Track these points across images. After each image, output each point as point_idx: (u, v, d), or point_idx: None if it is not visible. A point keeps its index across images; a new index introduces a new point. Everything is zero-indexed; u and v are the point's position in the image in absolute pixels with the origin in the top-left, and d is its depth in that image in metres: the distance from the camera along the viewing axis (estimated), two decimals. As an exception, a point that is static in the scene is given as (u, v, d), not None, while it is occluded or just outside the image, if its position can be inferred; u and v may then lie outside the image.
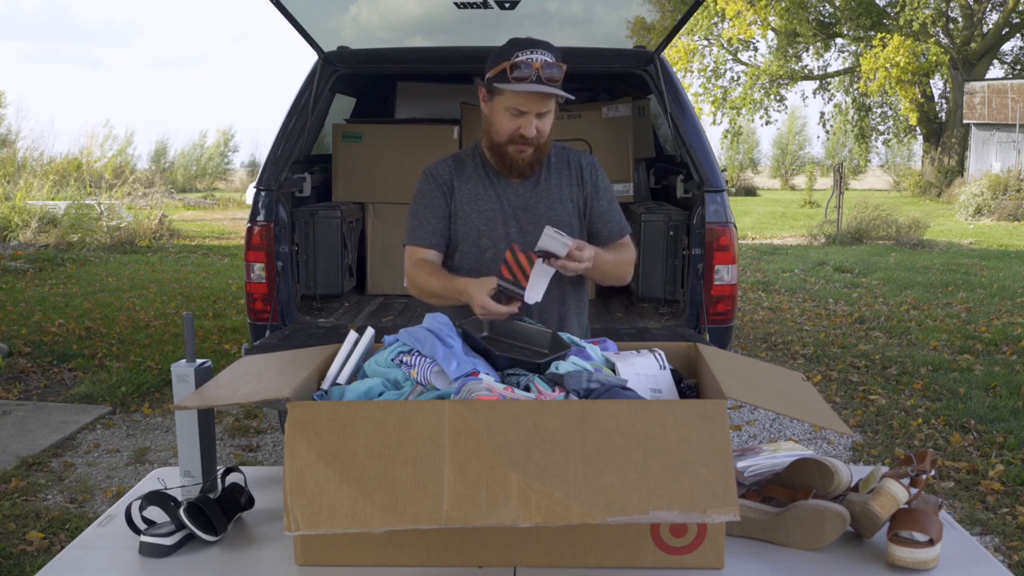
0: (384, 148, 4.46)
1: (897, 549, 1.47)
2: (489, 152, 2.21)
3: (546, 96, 2.06)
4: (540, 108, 2.08)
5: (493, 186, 2.22)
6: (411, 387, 1.63)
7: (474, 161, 2.25)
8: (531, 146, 2.12)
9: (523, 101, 2.06)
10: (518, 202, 2.21)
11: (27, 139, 19.29)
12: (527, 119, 2.07)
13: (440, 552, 1.46)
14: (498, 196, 2.21)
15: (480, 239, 2.20)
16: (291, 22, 3.67)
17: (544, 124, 2.11)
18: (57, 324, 7.04)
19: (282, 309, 3.72)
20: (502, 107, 2.09)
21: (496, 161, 2.20)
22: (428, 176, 2.25)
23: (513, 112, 2.07)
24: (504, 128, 2.10)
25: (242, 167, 30.87)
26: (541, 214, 2.21)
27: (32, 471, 4.07)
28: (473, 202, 2.20)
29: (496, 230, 2.20)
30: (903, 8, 22.65)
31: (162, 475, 1.88)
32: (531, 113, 2.07)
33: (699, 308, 3.60)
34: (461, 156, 2.28)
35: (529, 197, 2.22)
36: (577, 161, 2.30)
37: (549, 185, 2.24)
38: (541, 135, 2.11)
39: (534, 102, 2.06)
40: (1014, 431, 4.47)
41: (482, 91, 2.14)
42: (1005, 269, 10.18)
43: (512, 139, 2.11)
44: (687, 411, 1.42)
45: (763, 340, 6.69)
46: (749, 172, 30.67)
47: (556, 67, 2.03)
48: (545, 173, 2.25)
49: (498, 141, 2.14)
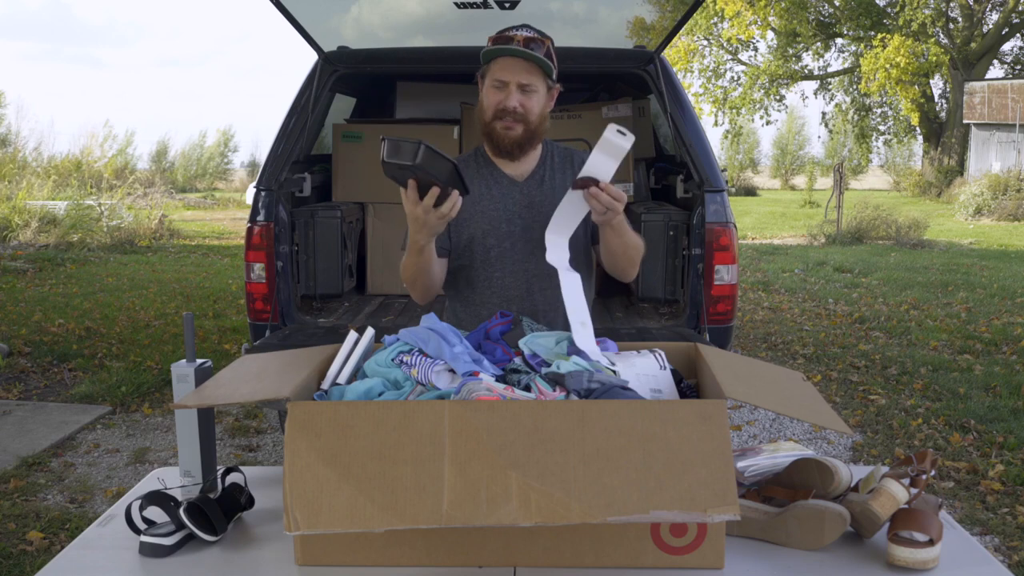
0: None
1: (897, 549, 1.47)
2: (485, 140, 2.21)
3: (528, 69, 2.07)
4: (521, 79, 2.07)
5: (498, 185, 2.21)
6: (411, 387, 1.63)
7: (476, 163, 2.24)
8: (519, 123, 2.11)
9: (504, 71, 2.07)
10: (523, 200, 2.21)
11: (27, 139, 19.32)
12: (508, 90, 2.08)
13: (440, 552, 1.46)
14: (502, 195, 2.20)
15: (486, 239, 2.19)
16: (291, 22, 3.67)
17: (528, 100, 2.09)
18: (57, 324, 7.04)
19: (282, 309, 3.72)
20: (487, 86, 2.11)
21: (489, 146, 2.19)
22: None
23: (496, 85, 2.08)
24: (489, 104, 2.11)
25: (242, 167, 30.90)
26: (546, 212, 2.20)
27: (32, 471, 4.07)
28: (477, 202, 2.19)
29: (500, 229, 2.19)
30: (903, 8, 22.65)
31: (162, 475, 1.88)
32: (512, 83, 2.07)
33: (699, 308, 3.60)
34: (464, 158, 2.27)
35: (535, 195, 2.21)
36: (581, 161, 2.30)
37: (554, 184, 2.24)
38: (527, 111, 2.10)
39: (515, 71, 2.07)
40: (1014, 431, 4.47)
41: (479, 83, 2.16)
42: (1005, 269, 10.18)
43: (497, 114, 2.10)
44: (687, 411, 1.42)
45: (763, 340, 6.69)
46: (749, 172, 30.70)
47: (538, 42, 2.06)
48: (549, 173, 2.25)
49: (485, 120, 2.14)
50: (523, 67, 2.07)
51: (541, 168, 2.24)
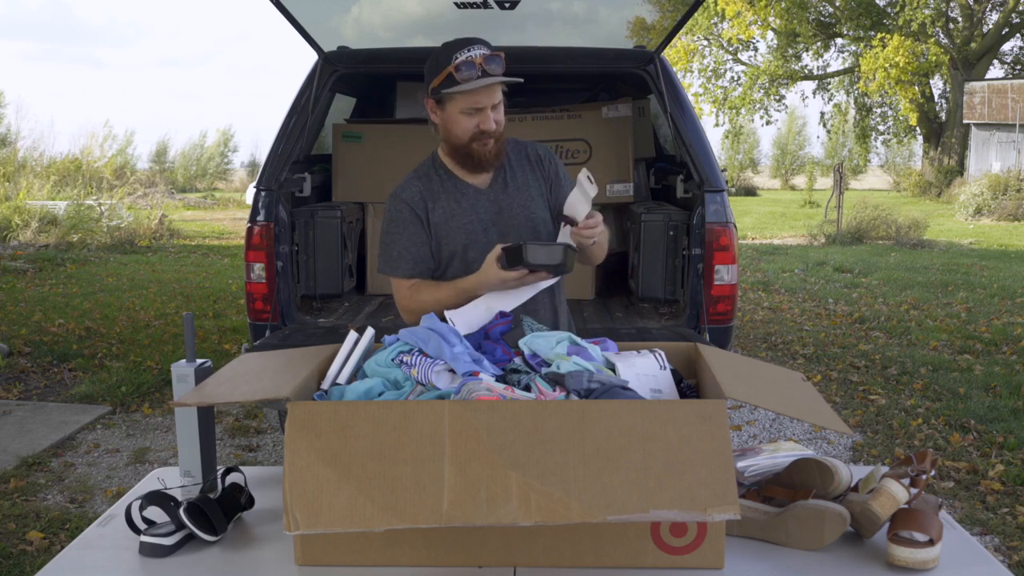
0: (384, 148, 4.46)
1: (897, 549, 1.47)
2: (452, 159, 2.22)
3: (495, 88, 2.10)
4: (493, 100, 2.11)
5: (465, 197, 2.22)
6: (411, 387, 1.63)
7: (439, 176, 2.24)
8: (493, 138, 2.15)
9: (477, 98, 2.08)
10: (493, 208, 2.23)
11: (27, 139, 19.31)
12: (484, 114, 2.10)
13: (440, 552, 1.46)
14: (472, 207, 2.22)
15: (467, 253, 2.20)
16: (291, 22, 3.67)
17: (499, 114, 2.14)
18: (57, 324, 7.04)
19: (282, 309, 3.72)
20: (456, 111, 2.11)
21: (463, 163, 2.20)
22: (399, 201, 2.22)
23: (469, 112, 2.10)
24: (464, 129, 2.12)
25: (242, 167, 30.88)
26: (517, 214, 2.23)
27: (32, 471, 4.07)
28: (450, 219, 2.20)
29: (479, 240, 2.20)
30: (903, 8, 22.65)
31: (162, 475, 1.88)
32: (487, 107, 2.10)
33: (699, 308, 3.60)
34: (424, 173, 2.26)
35: (502, 201, 2.23)
36: (534, 152, 2.33)
37: (517, 184, 2.26)
38: (499, 125, 2.15)
39: (487, 96, 2.09)
40: (1014, 431, 4.47)
41: (430, 103, 2.15)
42: (1005, 269, 10.18)
43: (475, 137, 2.13)
44: (687, 411, 1.42)
45: (763, 340, 6.69)
46: (749, 172, 30.68)
47: (496, 58, 2.06)
48: (510, 173, 2.26)
49: (461, 143, 2.15)
50: (492, 90, 2.10)
51: (501, 172, 2.26)
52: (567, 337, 1.79)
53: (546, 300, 2.25)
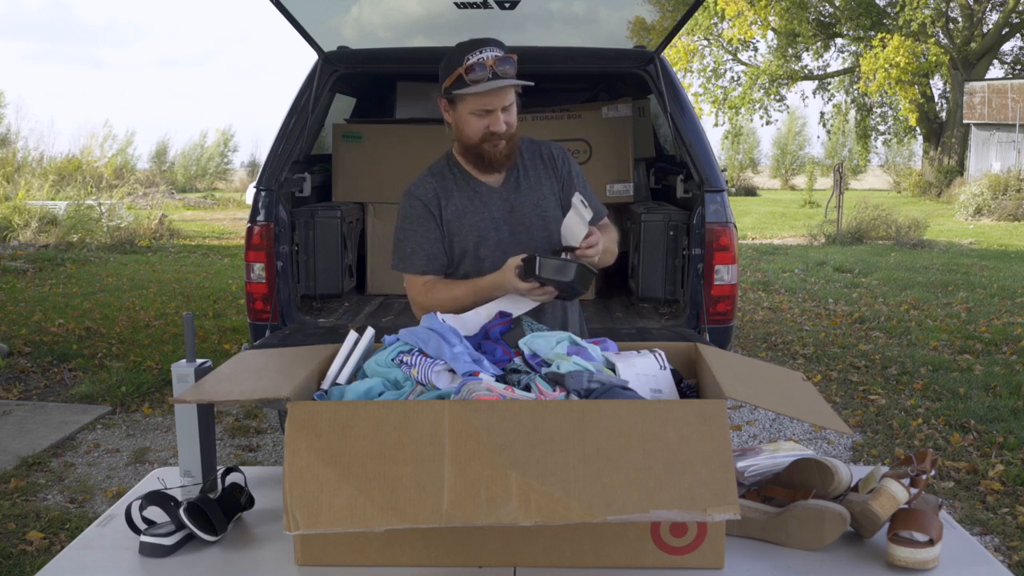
0: (384, 148, 4.46)
1: (897, 549, 1.47)
2: (464, 158, 2.23)
3: (506, 89, 2.11)
4: (504, 102, 2.12)
5: (478, 195, 2.23)
6: (411, 387, 1.63)
7: (452, 174, 2.26)
8: (504, 139, 2.16)
9: (487, 100, 2.10)
10: (505, 206, 2.24)
11: (27, 139, 19.31)
12: (494, 116, 2.12)
13: (440, 552, 1.46)
14: (484, 204, 2.23)
15: (478, 250, 2.22)
16: (291, 22, 3.67)
17: (510, 116, 2.15)
18: (57, 324, 7.04)
19: (282, 309, 3.72)
20: (467, 112, 2.13)
21: (475, 163, 2.22)
22: (413, 198, 2.24)
23: (479, 113, 2.12)
24: (475, 130, 2.14)
25: (242, 167, 30.87)
26: (528, 213, 2.24)
27: (32, 471, 4.07)
28: (462, 216, 2.22)
29: (490, 238, 2.22)
30: (903, 8, 22.64)
31: (162, 475, 1.88)
32: (497, 109, 2.11)
33: (699, 308, 3.60)
34: (438, 171, 2.28)
35: (514, 200, 2.25)
36: (548, 152, 2.34)
37: (529, 183, 2.27)
38: (510, 127, 2.16)
39: (497, 98, 2.10)
40: (1014, 431, 4.47)
41: (443, 102, 2.17)
42: (1005, 269, 10.18)
43: (485, 138, 2.14)
44: (687, 411, 1.42)
45: (763, 340, 6.69)
46: (749, 172, 30.66)
47: (508, 60, 2.07)
48: (523, 172, 2.27)
49: (472, 143, 2.16)
50: (503, 92, 2.10)
51: (514, 171, 2.27)
52: (567, 337, 1.79)
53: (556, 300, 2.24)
